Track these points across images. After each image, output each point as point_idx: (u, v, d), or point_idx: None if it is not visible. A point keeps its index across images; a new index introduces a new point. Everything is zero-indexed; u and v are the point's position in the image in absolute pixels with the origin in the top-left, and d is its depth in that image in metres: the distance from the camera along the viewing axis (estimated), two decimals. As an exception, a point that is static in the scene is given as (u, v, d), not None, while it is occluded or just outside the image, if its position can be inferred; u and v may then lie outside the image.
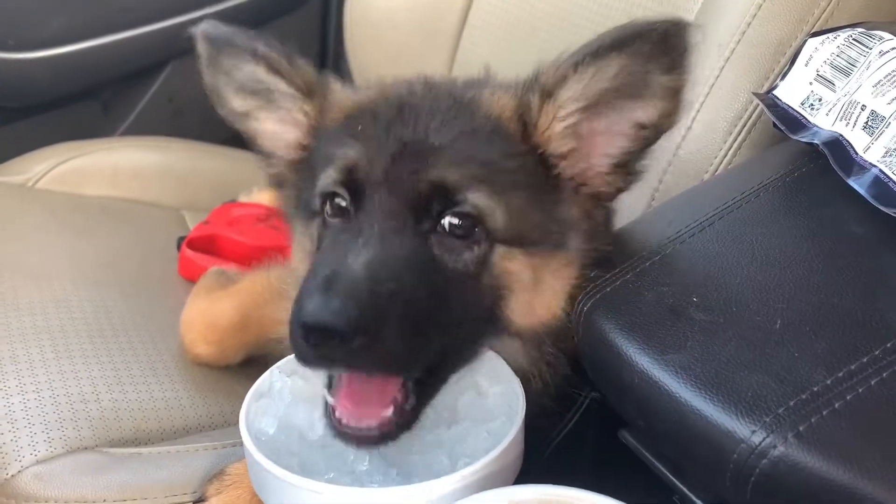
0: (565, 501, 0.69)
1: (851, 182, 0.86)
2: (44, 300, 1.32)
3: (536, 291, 0.87)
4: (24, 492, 1.00)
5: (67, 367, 1.18)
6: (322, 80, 0.98)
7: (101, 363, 1.21)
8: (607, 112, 0.86)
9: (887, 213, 0.82)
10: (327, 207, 0.88)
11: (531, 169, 0.87)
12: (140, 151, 1.90)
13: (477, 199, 0.82)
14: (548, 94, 0.86)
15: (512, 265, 0.85)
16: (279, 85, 0.96)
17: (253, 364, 1.27)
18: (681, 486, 0.79)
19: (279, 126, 1.00)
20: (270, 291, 1.21)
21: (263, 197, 1.78)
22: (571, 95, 0.85)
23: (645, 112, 0.85)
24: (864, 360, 0.69)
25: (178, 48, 2.09)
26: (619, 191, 0.91)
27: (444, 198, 0.82)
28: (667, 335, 0.76)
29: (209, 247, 1.57)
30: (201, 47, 0.97)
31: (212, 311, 1.26)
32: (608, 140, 0.88)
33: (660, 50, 0.80)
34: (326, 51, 2.29)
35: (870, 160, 0.86)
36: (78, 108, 2.06)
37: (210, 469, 1.01)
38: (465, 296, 0.84)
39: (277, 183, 1.04)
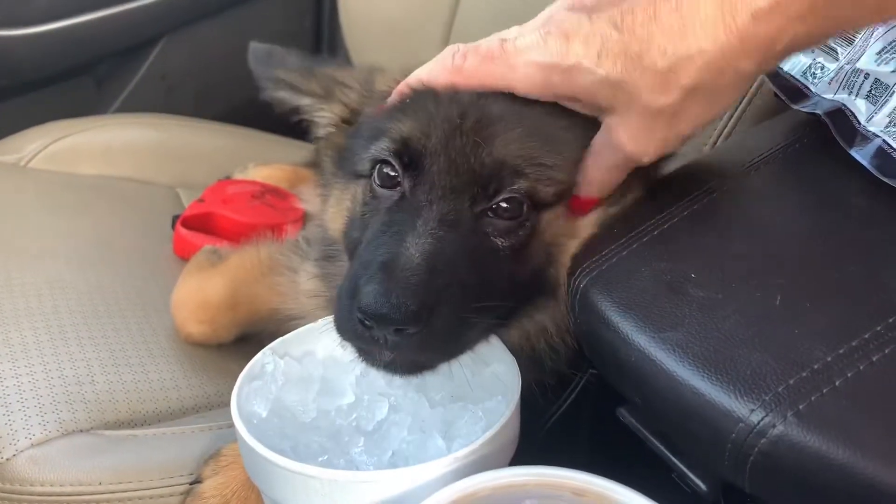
0: (561, 483, 0.68)
1: (854, 153, 0.84)
2: (37, 281, 1.31)
3: (582, 238, 0.87)
4: (19, 475, 0.99)
5: (62, 349, 1.17)
6: (347, 79, 1.01)
7: (95, 344, 1.20)
8: None
9: (890, 185, 0.80)
10: (375, 176, 0.87)
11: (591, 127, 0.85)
12: (134, 129, 1.88)
13: (532, 179, 0.82)
14: None
15: (557, 224, 0.86)
16: (302, 100, 1.01)
17: (248, 343, 1.26)
18: (679, 465, 0.78)
19: (320, 113, 1.04)
20: (261, 268, 1.21)
21: (258, 173, 1.77)
22: None
23: None
24: (866, 336, 0.67)
25: (171, 23, 2.08)
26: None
27: (503, 178, 0.82)
28: (664, 312, 0.74)
29: (204, 225, 1.56)
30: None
31: (202, 289, 1.25)
32: None
33: None
34: (322, 25, 2.25)
35: (872, 130, 0.83)
36: (70, 86, 2.04)
37: (206, 450, 1.01)
38: (514, 267, 0.84)
39: (320, 139, 1.05)
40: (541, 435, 0.91)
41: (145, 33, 2.06)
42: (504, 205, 0.83)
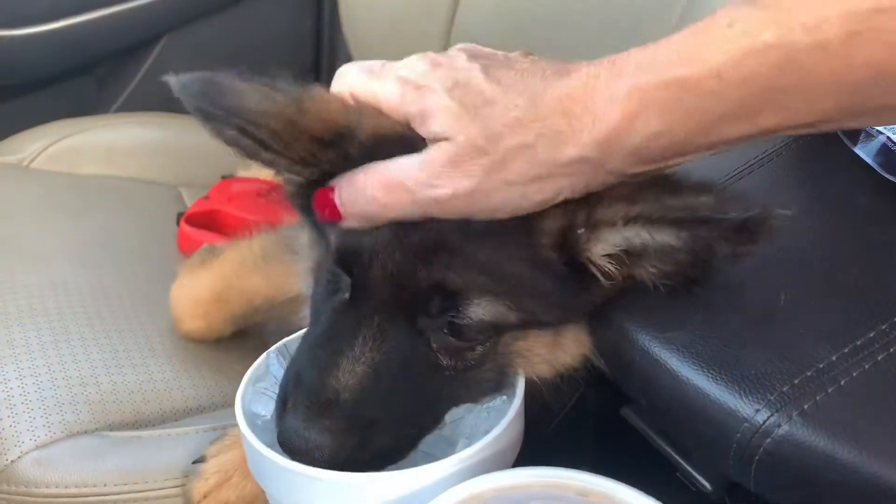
0: (565, 483, 0.68)
1: (857, 150, 0.84)
2: (41, 282, 1.31)
3: (544, 360, 0.82)
4: (24, 477, 0.99)
5: (66, 350, 1.17)
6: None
7: (99, 345, 1.20)
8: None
9: (895, 183, 0.80)
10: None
11: (562, 273, 0.76)
12: (136, 128, 1.88)
13: (483, 309, 0.74)
14: (593, 226, 0.73)
15: (522, 344, 0.80)
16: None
17: (251, 340, 1.27)
18: (684, 464, 0.78)
19: None
20: (253, 260, 1.20)
21: (262, 171, 1.76)
22: (616, 241, 0.73)
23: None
24: (871, 335, 0.67)
25: (172, 22, 2.07)
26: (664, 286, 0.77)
27: (446, 299, 0.74)
28: (668, 312, 0.74)
29: (209, 222, 1.56)
30: None
31: (194, 285, 1.25)
32: (661, 260, 0.74)
33: (732, 233, 0.68)
34: (322, 24, 2.25)
35: (877, 127, 0.83)
36: (71, 85, 2.03)
37: (210, 451, 1.01)
38: (459, 387, 0.79)
39: None
40: (546, 434, 0.91)
41: (146, 32, 2.05)
42: (458, 324, 0.75)
